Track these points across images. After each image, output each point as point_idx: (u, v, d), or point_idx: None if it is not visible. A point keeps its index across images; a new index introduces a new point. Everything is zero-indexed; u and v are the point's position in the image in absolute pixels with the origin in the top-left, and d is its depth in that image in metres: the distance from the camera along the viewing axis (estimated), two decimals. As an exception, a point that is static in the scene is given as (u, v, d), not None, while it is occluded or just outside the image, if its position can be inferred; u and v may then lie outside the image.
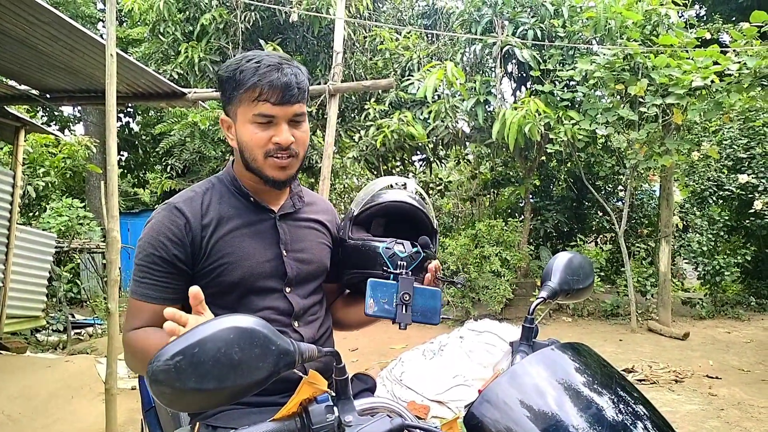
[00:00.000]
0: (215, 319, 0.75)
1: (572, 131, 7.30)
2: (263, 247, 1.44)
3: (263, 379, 0.75)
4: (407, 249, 1.45)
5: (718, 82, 6.34)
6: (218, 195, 1.46)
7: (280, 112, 1.33)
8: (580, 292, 1.36)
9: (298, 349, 0.78)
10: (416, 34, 9.45)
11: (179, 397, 0.71)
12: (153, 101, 5.81)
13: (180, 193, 1.47)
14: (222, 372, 0.72)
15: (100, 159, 10.47)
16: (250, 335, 0.74)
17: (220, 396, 0.73)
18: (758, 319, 8.35)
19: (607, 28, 7.42)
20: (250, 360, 0.73)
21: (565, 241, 10.37)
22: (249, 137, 1.36)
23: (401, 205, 1.57)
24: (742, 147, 8.94)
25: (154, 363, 0.71)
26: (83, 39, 4.22)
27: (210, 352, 0.71)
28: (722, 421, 4.28)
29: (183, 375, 0.70)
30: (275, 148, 1.35)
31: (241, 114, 1.36)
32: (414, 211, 1.56)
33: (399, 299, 1.26)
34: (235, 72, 1.34)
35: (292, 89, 1.32)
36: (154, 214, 1.43)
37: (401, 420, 0.85)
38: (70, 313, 7.73)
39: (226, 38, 9.03)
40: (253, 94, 1.32)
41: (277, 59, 1.35)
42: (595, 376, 0.95)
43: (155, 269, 1.35)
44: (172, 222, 1.38)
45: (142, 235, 1.39)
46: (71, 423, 4.26)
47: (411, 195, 1.60)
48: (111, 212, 3.80)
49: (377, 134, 8.17)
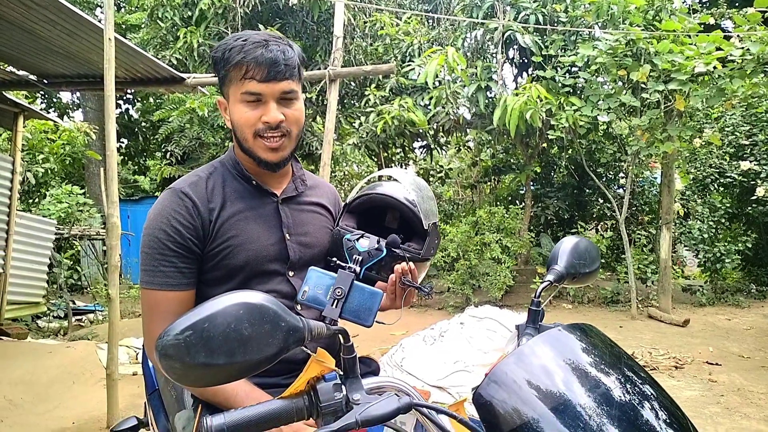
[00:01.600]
0: (224, 294, 0.75)
1: (574, 117, 7.27)
2: (266, 230, 1.43)
3: (273, 355, 0.74)
4: (370, 245, 1.39)
5: (721, 68, 6.30)
6: (221, 179, 1.44)
7: (267, 90, 1.30)
8: (586, 277, 1.35)
9: (308, 326, 0.78)
10: (417, 19, 9.38)
11: (188, 372, 0.71)
12: (152, 86, 5.78)
13: (183, 177, 1.45)
14: (232, 347, 0.71)
15: (99, 145, 10.43)
16: (260, 311, 0.74)
17: (230, 371, 0.73)
18: (758, 306, 8.37)
19: (610, 13, 7.37)
20: (259, 336, 0.73)
21: (565, 228, 10.38)
22: (239, 117, 1.34)
23: (386, 198, 1.50)
24: (745, 134, 8.92)
25: (163, 338, 0.70)
26: (81, 23, 4.19)
27: (220, 328, 0.71)
28: (722, 407, 4.30)
29: (193, 350, 0.70)
30: (264, 128, 1.33)
31: (231, 93, 1.35)
32: (400, 206, 1.49)
33: (332, 293, 1.23)
34: (224, 51, 1.33)
35: (279, 65, 1.29)
36: (159, 200, 1.40)
37: (409, 399, 0.84)
38: (70, 299, 7.74)
39: (225, 23, 8.96)
40: (239, 71, 1.30)
41: (265, 36, 1.33)
42: (603, 356, 0.94)
43: (170, 255, 1.32)
44: (180, 206, 1.35)
45: (149, 223, 1.36)
46: (73, 408, 4.28)
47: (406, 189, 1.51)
48: (111, 198, 3.79)
49: (378, 120, 8.13)
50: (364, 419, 0.78)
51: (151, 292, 1.32)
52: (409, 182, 1.50)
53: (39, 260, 7.00)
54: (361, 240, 1.40)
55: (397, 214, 1.57)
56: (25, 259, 6.73)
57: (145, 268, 1.33)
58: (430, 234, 1.47)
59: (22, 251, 6.63)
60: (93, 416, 4.08)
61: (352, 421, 0.78)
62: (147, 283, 1.32)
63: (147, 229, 1.35)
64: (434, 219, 1.50)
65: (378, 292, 1.23)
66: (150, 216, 1.37)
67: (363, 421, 0.78)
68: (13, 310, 6.61)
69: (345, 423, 0.78)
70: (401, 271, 1.37)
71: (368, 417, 0.79)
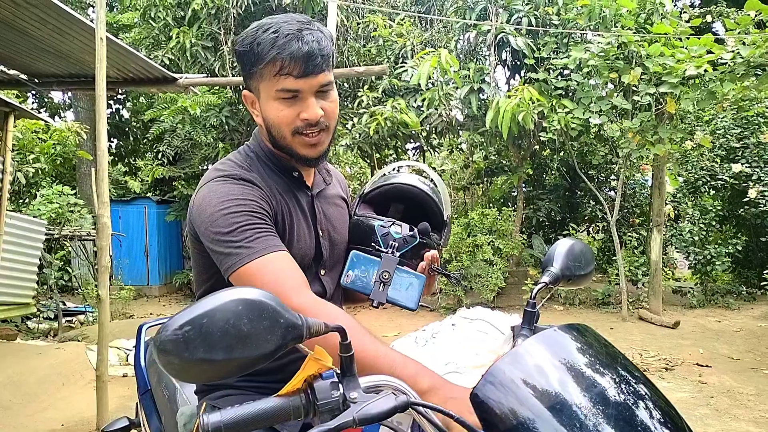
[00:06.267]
0: (223, 290, 0.74)
1: (566, 120, 7.31)
2: (307, 226, 1.37)
3: (271, 351, 0.74)
4: (404, 231, 1.39)
5: (712, 71, 6.35)
6: (262, 169, 1.33)
7: (305, 85, 1.21)
8: (581, 279, 1.36)
9: (306, 323, 0.77)
10: (410, 20, 9.39)
11: (187, 368, 0.71)
12: (144, 86, 5.75)
13: (221, 166, 1.31)
14: (230, 343, 0.71)
15: (90, 146, 10.36)
16: (259, 307, 0.73)
17: (228, 367, 0.72)
18: (748, 308, 8.43)
19: (602, 16, 7.42)
20: (258, 332, 0.73)
21: (557, 230, 10.43)
22: (275, 115, 1.25)
23: (410, 188, 1.51)
24: (736, 136, 8.99)
25: (162, 333, 0.70)
26: (72, 22, 4.17)
27: (219, 323, 0.70)
28: (712, 409, 4.33)
29: (191, 345, 0.69)
30: (304, 125, 1.25)
31: (264, 90, 1.26)
32: (423, 196, 1.50)
33: (378, 276, 1.23)
34: (252, 45, 1.22)
35: (315, 58, 1.19)
36: (209, 189, 1.24)
37: (406, 397, 0.84)
38: (61, 300, 7.69)
39: (218, 23, 8.94)
40: (273, 68, 1.20)
41: (297, 25, 1.21)
42: (599, 356, 0.95)
43: (257, 222, 1.19)
44: (245, 185, 1.24)
45: (211, 207, 1.20)
46: (62, 410, 4.25)
47: (423, 180, 1.53)
48: (101, 198, 3.77)
49: (370, 122, 8.14)
50: (361, 417, 0.78)
51: (258, 263, 1.15)
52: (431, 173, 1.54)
53: (29, 261, 6.95)
54: (393, 227, 1.39)
55: (400, 207, 1.56)
56: (15, 260, 6.67)
57: (228, 248, 1.16)
58: (448, 224, 1.51)
59: (11, 252, 6.57)
60: (83, 418, 4.06)
61: (349, 420, 0.78)
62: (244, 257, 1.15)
63: (211, 216, 1.20)
64: (449, 211, 1.53)
65: (421, 276, 1.25)
66: (210, 202, 1.22)
67: (360, 419, 0.78)
68: (3, 311, 6.55)
69: (342, 421, 0.77)
70: (431, 258, 1.37)
71: (365, 415, 0.78)
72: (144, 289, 10.41)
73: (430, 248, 1.41)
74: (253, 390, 1.31)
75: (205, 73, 8.77)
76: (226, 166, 1.31)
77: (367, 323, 7.29)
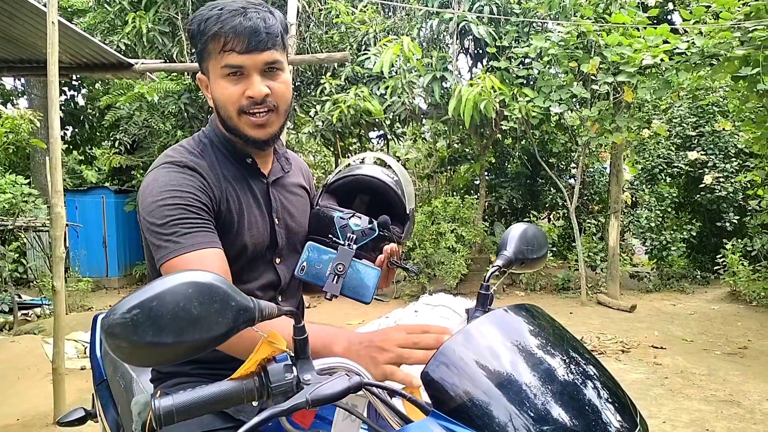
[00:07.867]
0: (173, 273, 0.74)
1: (527, 108, 7.39)
2: (260, 214, 1.36)
3: (222, 334, 0.74)
4: (363, 224, 1.38)
5: (668, 61, 6.50)
6: (214, 157, 1.32)
7: (249, 62, 1.20)
8: (534, 262, 1.38)
9: (258, 306, 0.77)
10: (372, 7, 9.34)
11: (136, 351, 0.70)
12: (98, 72, 5.62)
13: (171, 152, 1.30)
14: (180, 326, 0.70)
15: (44, 134, 10.03)
16: (210, 290, 0.73)
17: (179, 350, 0.72)
18: (702, 292, 8.72)
19: (562, 6, 7.50)
20: (209, 315, 0.72)
21: (519, 217, 10.57)
22: (221, 93, 1.24)
23: (372, 180, 1.50)
24: (691, 125, 9.24)
25: (109, 316, 0.69)
26: (22, 5, 4.04)
27: (168, 306, 0.70)
28: (666, 389, 4.47)
29: (140, 328, 0.69)
30: (249, 103, 1.23)
31: (212, 69, 1.25)
32: (385, 188, 1.49)
33: (333, 269, 1.23)
34: (200, 22, 1.22)
35: (260, 34, 1.19)
36: (156, 175, 1.24)
37: (359, 378, 0.85)
38: (16, 293, 7.48)
39: (176, 8, 8.73)
40: (218, 44, 1.20)
41: (243, 3, 1.22)
42: (547, 336, 0.97)
43: (190, 217, 1.18)
44: (188, 175, 1.23)
45: (151, 197, 1.19)
46: (17, 404, 4.15)
47: (386, 172, 1.52)
48: (55, 186, 3.69)
49: (333, 109, 8.09)
50: (314, 398, 0.79)
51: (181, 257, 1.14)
52: (395, 166, 1.52)
53: (-19, 253, 6.74)
54: (353, 219, 1.39)
55: (366, 198, 1.56)
56: (-34, 252, 6.47)
57: (161, 240, 1.16)
58: (410, 218, 1.50)
59: (-38, 243, 6.37)
60: (39, 412, 3.97)
61: (302, 401, 0.78)
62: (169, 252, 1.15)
63: (150, 205, 1.19)
64: (413, 204, 1.51)
65: (377, 269, 1.25)
66: (148, 191, 1.21)
67: (313, 400, 0.79)
68: (-46, 305, 6.35)
69: (295, 402, 0.78)
70: (390, 251, 1.38)
71: (318, 396, 0.79)
72: (103, 280, 10.17)
73: (390, 241, 1.41)
74: (208, 377, 1.29)
75: (163, 58, 8.57)
76: (175, 152, 1.29)
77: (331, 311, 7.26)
